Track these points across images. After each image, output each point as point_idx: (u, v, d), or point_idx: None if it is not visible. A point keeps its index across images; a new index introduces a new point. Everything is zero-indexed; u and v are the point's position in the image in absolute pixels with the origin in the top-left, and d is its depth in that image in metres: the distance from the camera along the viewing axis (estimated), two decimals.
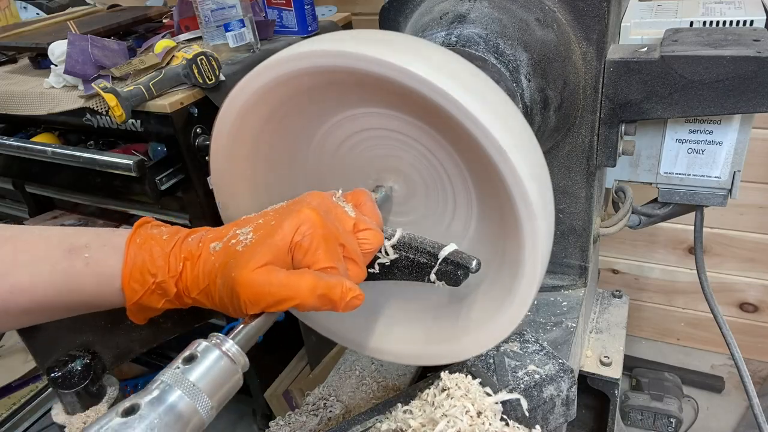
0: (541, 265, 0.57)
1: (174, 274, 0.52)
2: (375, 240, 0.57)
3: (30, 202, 1.59)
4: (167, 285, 0.52)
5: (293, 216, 0.52)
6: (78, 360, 0.71)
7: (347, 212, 0.57)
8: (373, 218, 0.59)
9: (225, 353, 0.46)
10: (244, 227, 0.53)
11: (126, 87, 1.16)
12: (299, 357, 1.77)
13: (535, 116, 0.71)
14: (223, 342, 0.47)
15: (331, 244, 0.53)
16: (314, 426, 0.83)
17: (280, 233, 0.51)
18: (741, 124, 0.83)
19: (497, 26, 0.69)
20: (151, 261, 0.52)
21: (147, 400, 0.42)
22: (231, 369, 0.46)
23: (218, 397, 0.45)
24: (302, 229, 0.51)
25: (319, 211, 0.53)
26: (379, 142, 0.63)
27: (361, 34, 0.56)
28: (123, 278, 0.52)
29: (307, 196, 0.56)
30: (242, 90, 0.58)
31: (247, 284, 0.49)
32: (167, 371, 0.44)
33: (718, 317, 1.04)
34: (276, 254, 0.50)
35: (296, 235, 0.51)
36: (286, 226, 0.51)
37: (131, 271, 0.52)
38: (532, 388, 0.70)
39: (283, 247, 0.51)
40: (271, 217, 0.54)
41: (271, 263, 0.50)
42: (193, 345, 0.47)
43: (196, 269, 0.52)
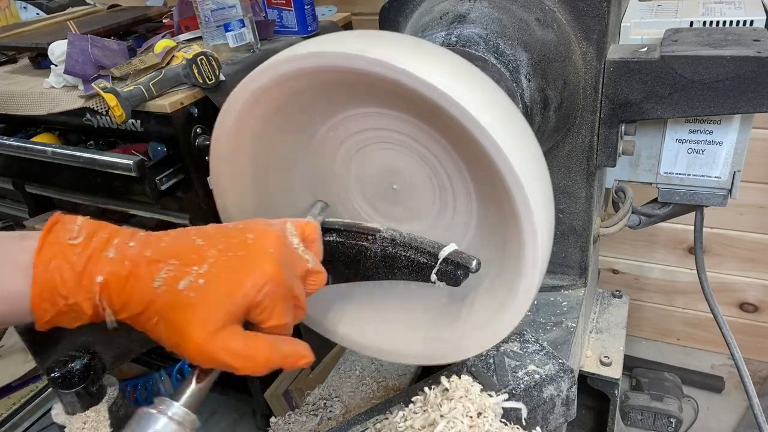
0: (541, 264, 0.57)
1: (90, 295, 0.48)
2: (321, 282, 0.56)
3: (30, 202, 1.59)
4: (82, 307, 0.48)
5: (257, 273, 0.48)
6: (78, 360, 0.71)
7: (301, 255, 0.54)
8: (318, 255, 0.57)
9: (170, 418, 0.48)
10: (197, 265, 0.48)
11: (126, 87, 1.16)
12: None
13: (535, 116, 0.71)
14: (169, 407, 0.48)
15: (287, 301, 0.51)
16: (314, 426, 0.83)
17: (241, 292, 0.48)
18: (741, 124, 0.83)
19: (497, 26, 0.69)
20: (61, 282, 0.47)
21: None
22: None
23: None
24: (265, 289, 0.49)
25: (281, 266, 0.50)
26: (379, 142, 0.63)
27: (362, 34, 0.56)
28: (32, 299, 0.47)
29: (267, 241, 0.51)
30: (243, 90, 0.58)
31: (201, 349, 0.47)
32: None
33: (718, 317, 1.04)
34: (235, 314, 0.48)
35: (258, 294, 0.48)
36: (248, 284, 0.48)
37: (41, 292, 0.47)
38: (532, 388, 0.70)
39: (243, 306, 0.48)
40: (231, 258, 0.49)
41: (227, 323, 0.48)
42: (139, 414, 0.47)
43: (126, 293, 0.48)
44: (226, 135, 0.61)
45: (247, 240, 0.51)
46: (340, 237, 0.62)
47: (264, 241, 0.51)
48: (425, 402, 0.67)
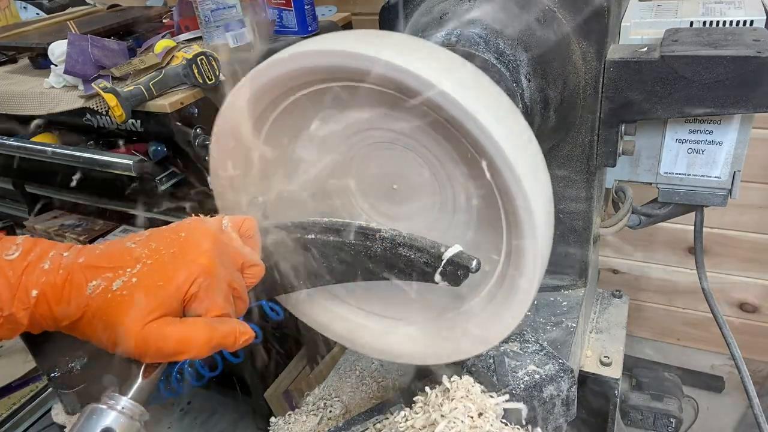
0: (541, 264, 0.57)
1: (26, 306, 0.48)
2: (260, 274, 0.57)
3: (30, 202, 1.59)
4: (18, 317, 0.49)
5: (189, 267, 0.50)
6: (78, 360, 0.71)
7: (238, 248, 0.55)
8: (256, 249, 0.58)
9: (119, 411, 0.48)
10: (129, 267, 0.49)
11: (126, 87, 1.16)
12: (299, 357, 1.77)
13: (535, 116, 0.71)
14: (118, 401, 0.49)
15: (224, 291, 0.52)
16: (314, 426, 0.83)
17: (173, 284, 0.49)
18: (741, 124, 0.83)
19: (497, 26, 0.69)
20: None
21: None
22: (129, 425, 0.48)
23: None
24: (198, 280, 0.50)
25: (214, 258, 0.51)
26: (380, 141, 0.63)
27: (363, 34, 0.56)
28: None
29: (200, 236, 0.52)
30: (242, 89, 0.58)
31: (139, 338, 0.47)
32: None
33: (718, 317, 1.04)
34: (169, 306, 0.49)
35: (192, 286, 0.50)
36: (181, 276, 0.49)
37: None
38: (532, 388, 0.70)
39: (177, 298, 0.49)
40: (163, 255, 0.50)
41: (163, 315, 0.48)
42: (88, 409, 0.48)
43: (64, 300, 0.49)
44: (226, 134, 0.61)
45: (179, 237, 0.52)
46: (340, 237, 0.62)
47: (197, 237, 0.52)
48: (426, 402, 0.67)
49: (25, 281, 0.48)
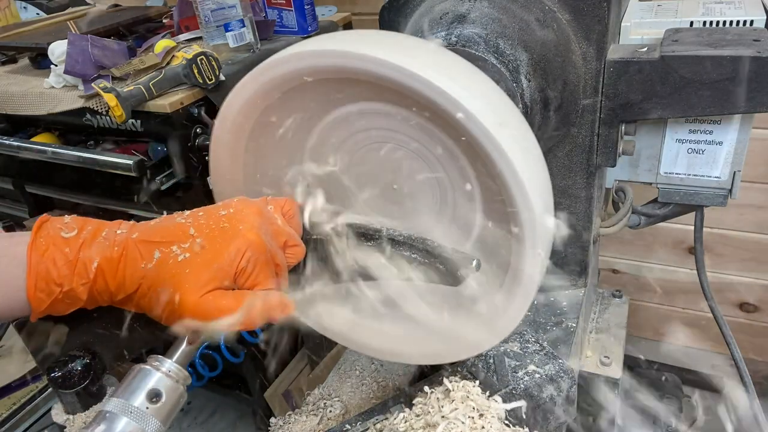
0: (541, 264, 0.57)
1: (85, 281, 0.50)
2: (300, 254, 0.59)
3: (30, 202, 1.59)
4: (76, 292, 0.50)
5: (239, 240, 0.52)
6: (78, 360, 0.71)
7: (280, 226, 0.57)
8: (297, 230, 0.60)
9: (164, 373, 0.50)
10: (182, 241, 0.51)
11: (126, 87, 1.16)
12: (299, 357, 1.77)
13: (535, 116, 0.71)
14: (162, 362, 0.51)
15: (270, 266, 0.54)
16: (314, 426, 0.83)
17: (226, 257, 0.51)
18: (741, 124, 0.83)
19: (497, 26, 0.69)
20: (55, 269, 0.50)
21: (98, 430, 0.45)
22: (174, 387, 0.50)
23: (164, 415, 0.48)
24: (247, 255, 0.52)
25: (261, 234, 0.53)
26: (380, 141, 0.63)
27: (363, 34, 0.56)
28: (28, 289, 0.50)
29: (248, 213, 0.55)
30: (242, 89, 0.58)
31: (194, 308, 0.49)
32: (110, 401, 0.47)
33: (718, 317, 1.04)
34: (222, 278, 0.51)
35: (242, 260, 0.52)
36: (232, 250, 0.51)
37: (36, 282, 0.50)
38: (532, 388, 0.70)
39: (230, 272, 0.51)
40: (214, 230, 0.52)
41: (217, 287, 0.51)
42: (133, 370, 0.50)
43: (120, 274, 0.50)
44: (226, 134, 0.61)
45: (228, 213, 0.54)
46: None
47: (245, 213, 0.54)
48: (426, 402, 0.67)
49: (83, 257, 0.50)
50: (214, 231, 0.52)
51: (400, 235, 0.61)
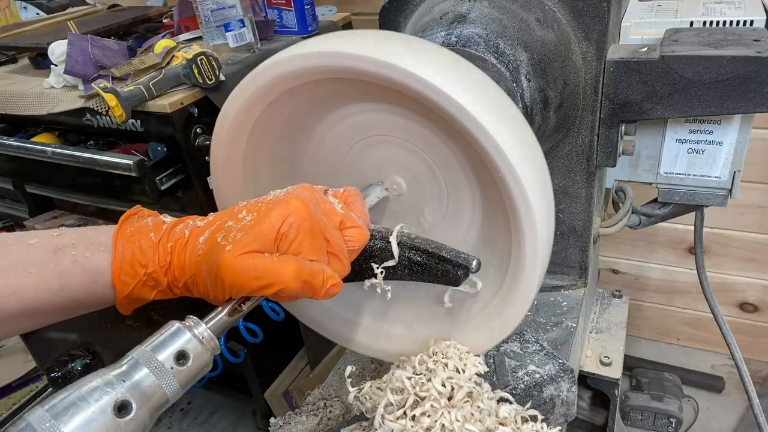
0: (541, 265, 0.57)
1: (163, 264, 0.52)
2: (361, 238, 0.58)
3: (30, 202, 1.59)
4: (158, 275, 0.53)
5: (282, 206, 0.52)
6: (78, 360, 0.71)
7: (335, 208, 0.57)
8: (361, 217, 0.59)
9: (196, 336, 0.48)
10: (232, 219, 0.53)
11: (126, 87, 1.16)
12: (299, 357, 1.77)
13: (535, 116, 0.71)
14: (196, 325, 0.49)
15: (316, 237, 0.53)
16: (314, 426, 0.83)
17: (267, 222, 0.51)
18: (741, 124, 0.83)
19: (497, 26, 0.69)
20: (140, 252, 0.52)
21: (115, 373, 0.43)
22: (200, 351, 0.48)
23: (185, 379, 0.47)
24: (289, 219, 0.52)
25: (308, 203, 0.53)
26: (381, 142, 0.63)
27: (364, 33, 0.56)
28: (113, 272, 0.52)
29: (298, 189, 0.56)
30: (243, 90, 0.58)
31: (231, 268, 0.49)
32: (137, 349, 0.46)
33: (718, 317, 1.04)
34: (262, 242, 0.51)
35: (283, 225, 0.51)
36: (274, 215, 0.51)
37: (121, 264, 0.52)
38: (532, 388, 0.70)
39: (269, 235, 0.51)
40: (261, 206, 0.53)
41: (256, 250, 0.50)
42: (167, 326, 0.48)
43: (182, 258, 0.52)
44: (227, 134, 0.61)
45: (280, 192, 0.55)
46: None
47: (295, 190, 0.55)
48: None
49: (164, 241, 0.53)
50: (261, 206, 0.53)
51: (401, 234, 0.61)
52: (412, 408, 0.58)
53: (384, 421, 0.58)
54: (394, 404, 0.59)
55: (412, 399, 0.58)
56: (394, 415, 0.58)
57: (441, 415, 0.56)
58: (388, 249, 0.60)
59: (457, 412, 0.56)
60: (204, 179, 1.27)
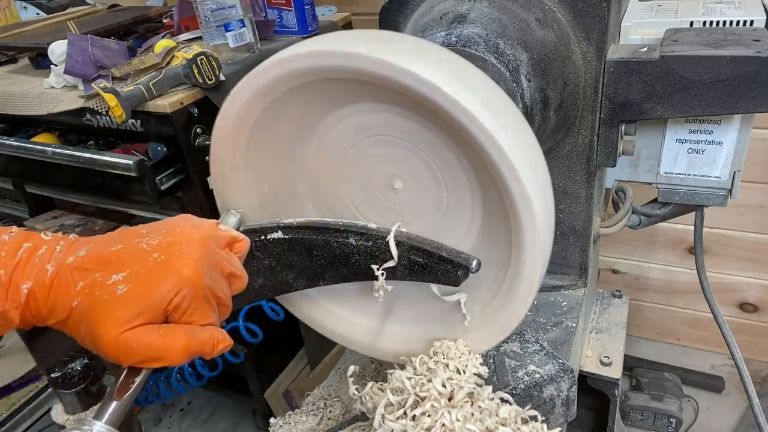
0: (541, 265, 0.57)
1: (17, 304, 0.49)
2: (243, 285, 0.58)
3: (30, 202, 1.59)
4: (9, 315, 0.49)
5: (173, 276, 0.49)
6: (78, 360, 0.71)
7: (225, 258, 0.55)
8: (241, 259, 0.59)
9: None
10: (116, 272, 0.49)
11: (126, 87, 1.16)
12: (299, 357, 1.77)
13: (535, 116, 0.71)
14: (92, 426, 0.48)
15: (209, 302, 0.53)
16: (314, 426, 0.83)
17: (158, 293, 0.49)
18: (741, 124, 0.83)
19: (497, 26, 0.69)
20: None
21: None
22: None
23: None
24: (183, 292, 0.50)
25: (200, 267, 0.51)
26: (381, 141, 0.63)
27: (364, 34, 0.56)
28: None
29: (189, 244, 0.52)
30: (243, 90, 0.58)
31: (115, 345, 0.48)
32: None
33: (718, 317, 1.04)
34: (150, 315, 0.49)
35: (176, 297, 0.50)
36: (165, 286, 0.49)
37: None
38: (532, 388, 0.70)
39: (159, 307, 0.49)
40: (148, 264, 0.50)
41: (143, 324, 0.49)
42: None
43: (51, 300, 0.49)
44: (226, 134, 0.61)
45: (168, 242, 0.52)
46: (341, 237, 0.62)
47: (186, 245, 0.52)
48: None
49: (16, 279, 0.49)
50: (149, 263, 0.50)
51: (400, 235, 0.61)
52: (412, 408, 0.58)
53: (384, 420, 0.57)
54: (395, 404, 0.59)
55: (412, 399, 0.58)
56: (394, 415, 0.58)
57: (441, 415, 0.56)
58: (387, 249, 0.60)
59: (458, 412, 0.56)
60: (204, 179, 1.27)
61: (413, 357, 0.65)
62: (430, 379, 0.59)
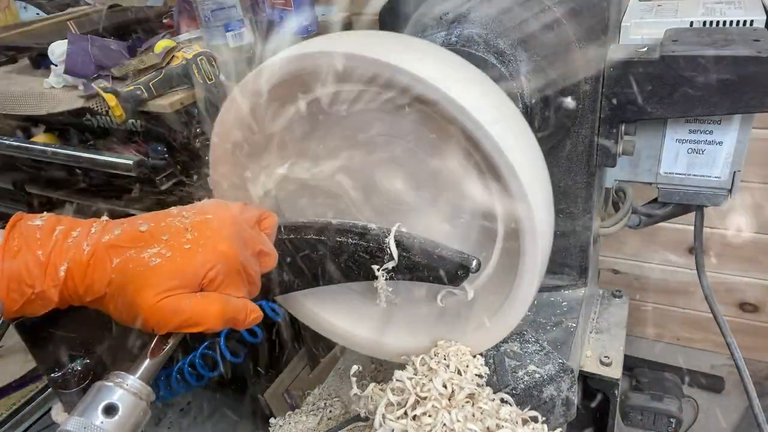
0: (541, 264, 0.57)
1: (56, 283, 0.50)
2: (273, 263, 0.60)
3: (30, 202, 1.59)
4: (48, 294, 0.51)
5: (209, 251, 0.52)
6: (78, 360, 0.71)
7: (255, 236, 0.57)
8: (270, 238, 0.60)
9: (125, 389, 0.49)
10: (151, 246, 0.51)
11: (126, 87, 1.16)
12: (299, 357, 1.77)
13: (535, 116, 0.71)
14: (125, 379, 0.50)
15: (241, 277, 0.54)
16: (314, 426, 0.83)
17: (194, 266, 0.51)
18: (741, 124, 0.83)
19: (497, 26, 0.69)
20: (26, 272, 0.50)
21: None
22: (135, 403, 0.49)
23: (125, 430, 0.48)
24: (218, 267, 0.52)
25: (233, 243, 0.53)
26: (382, 141, 0.63)
27: (362, 34, 0.56)
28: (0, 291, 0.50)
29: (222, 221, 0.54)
30: (242, 90, 0.58)
31: (154, 311, 0.49)
32: (70, 420, 0.46)
33: (718, 317, 1.04)
34: (187, 284, 0.51)
35: (211, 271, 0.52)
36: (201, 260, 0.51)
37: (8, 283, 0.50)
38: (532, 388, 0.70)
39: (195, 279, 0.51)
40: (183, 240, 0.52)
41: (180, 292, 0.50)
42: (95, 387, 0.49)
43: (89, 277, 0.51)
44: (226, 134, 0.61)
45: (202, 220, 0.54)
46: (343, 237, 0.62)
47: (219, 221, 0.54)
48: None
49: (54, 259, 0.50)
50: (185, 238, 0.52)
51: (400, 234, 0.61)
52: (412, 408, 0.58)
53: (385, 420, 0.58)
54: (395, 404, 0.59)
55: (413, 399, 0.58)
56: (394, 415, 0.58)
57: (442, 415, 0.56)
58: (387, 250, 0.60)
59: (458, 412, 0.56)
60: (204, 179, 1.27)
61: (414, 357, 0.65)
62: (431, 379, 0.59)
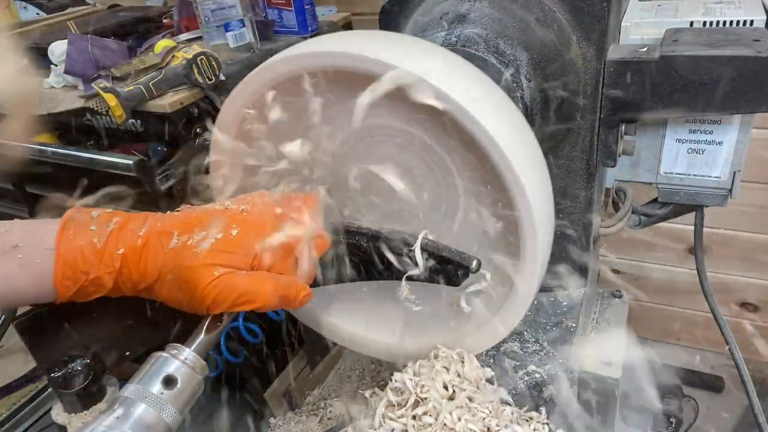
0: (541, 264, 0.57)
1: (110, 270, 0.52)
2: (325, 246, 0.60)
3: (30, 202, 1.59)
4: (102, 280, 0.52)
5: (258, 232, 0.54)
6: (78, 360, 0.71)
7: (303, 219, 0.58)
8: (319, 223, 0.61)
9: (182, 361, 0.50)
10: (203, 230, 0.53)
11: (126, 87, 1.16)
12: (299, 357, 1.77)
13: (535, 116, 0.71)
14: (181, 351, 0.51)
15: (290, 258, 0.56)
16: (314, 426, 0.83)
17: (245, 246, 0.53)
18: (741, 124, 0.83)
19: (497, 26, 0.69)
20: (82, 258, 0.52)
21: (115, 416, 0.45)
22: (191, 375, 0.50)
23: (181, 402, 0.49)
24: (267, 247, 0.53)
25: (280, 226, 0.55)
26: (382, 141, 0.63)
27: (362, 34, 0.56)
28: (55, 276, 0.52)
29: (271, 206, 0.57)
30: (242, 90, 0.58)
31: (209, 291, 0.51)
32: (128, 387, 0.48)
33: (718, 317, 1.04)
34: (240, 263, 0.52)
35: (261, 252, 0.53)
36: (251, 240, 0.53)
37: (63, 269, 0.52)
38: (532, 388, 0.70)
39: (247, 260, 0.53)
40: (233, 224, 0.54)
41: (234, 270, 0.52)
42: (152, 358, 0.50)
43: (143, 264, 0.52)
44: (226, 134, 0.61)
45: (254, 205, 0.56)
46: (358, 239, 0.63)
47: (269, 207, 0.56)
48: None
49: (110, 246, 0.52)
50: (235, 222, 0.54)
51: (401, 234, 0.61)
52: (413, 408, 0.58)
53: (385, 419, 0.58)
54: (395, 404, 0.59)
55: (413, 399, 0.58)
56: (395, 414, 0.58)
57: (443, 415, 0.56)
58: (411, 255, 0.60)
59: (459, 412, 0.56)
60: (204, 179, 1.27)
61: (414, 360, 0.65)
62: (432, 379, 0.59)
